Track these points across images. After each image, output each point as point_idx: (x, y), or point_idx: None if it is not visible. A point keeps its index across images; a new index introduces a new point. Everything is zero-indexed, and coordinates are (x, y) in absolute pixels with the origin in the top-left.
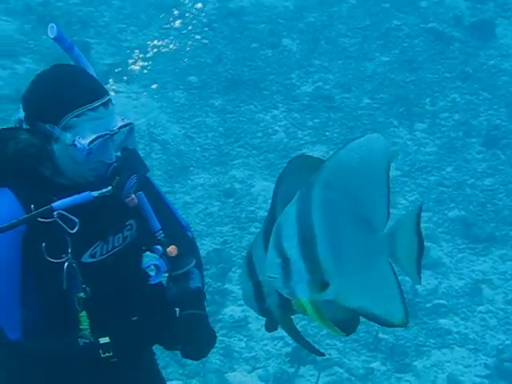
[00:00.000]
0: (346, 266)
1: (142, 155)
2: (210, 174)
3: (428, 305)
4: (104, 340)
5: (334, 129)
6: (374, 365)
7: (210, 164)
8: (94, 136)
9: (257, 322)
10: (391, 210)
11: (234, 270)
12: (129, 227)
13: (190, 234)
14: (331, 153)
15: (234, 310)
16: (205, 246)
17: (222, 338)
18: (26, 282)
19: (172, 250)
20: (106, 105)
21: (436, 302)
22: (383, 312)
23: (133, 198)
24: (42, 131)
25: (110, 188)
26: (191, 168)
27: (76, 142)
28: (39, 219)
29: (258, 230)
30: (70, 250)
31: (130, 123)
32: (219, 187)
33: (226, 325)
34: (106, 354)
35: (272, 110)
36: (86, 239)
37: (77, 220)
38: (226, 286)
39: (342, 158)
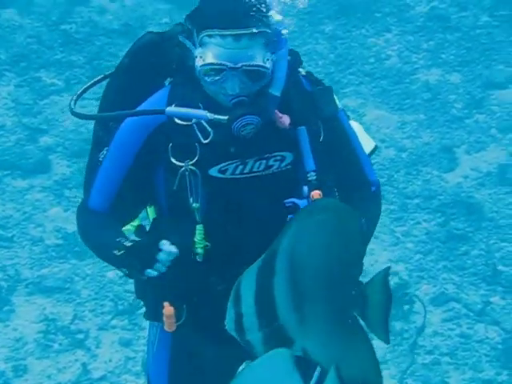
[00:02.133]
0: (311, 325)
1: None
2: None
3: None
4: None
5: (451, 50)
6: (492, 299)
7: None
8: (208, 61)
9: None
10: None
11: None
12: (278, 157)
13: (374, 188)
14: (447, 76)
15: None
16: None
17: None
18: (142, 170)
19: (315, 194)
20: (237, 37)
21: None
22: (355, 370)
23: (282, 119)
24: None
25: (226, 117)
26: None
27: (196, 60)
28: (176, 121)
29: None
30: (196, 158)
31: (258, 66)
32: None
33: None
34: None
35: (384, 33)
36: (219, 153)
37: (210, 129)
38: None
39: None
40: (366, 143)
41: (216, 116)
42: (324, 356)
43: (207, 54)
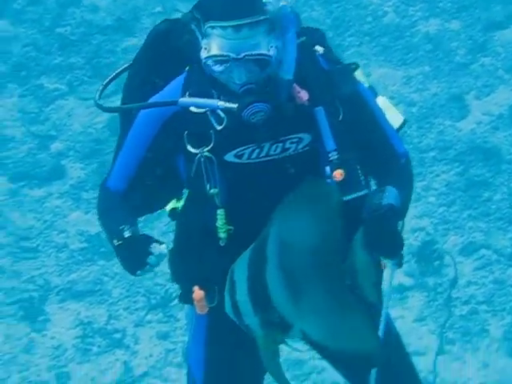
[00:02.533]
0: (307, 306)
1: None
2: None
3: None
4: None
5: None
6: None
7: None
8: (212, 52)
9: None
10: None
11: None
12: (295, 140)
13: (403, 160)
14: (446, 24)
15: None
16: None
17: None
18: (160, 158)
19: (337, 174)
20: (237, 28)
21: None
22: (356, 343)
23: (300, 95)
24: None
25: (236, 106)
26: None
27: (201, 51)
28: (192, 109)
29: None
30: (211, 145)
31: (261, 54)
32: None
33: None
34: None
35: None
36: (234, 139)
37: (223, 116)
38: None
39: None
40: (395, 118)
41: (226, 105)
42: (323, 334)
43: (211, 46)
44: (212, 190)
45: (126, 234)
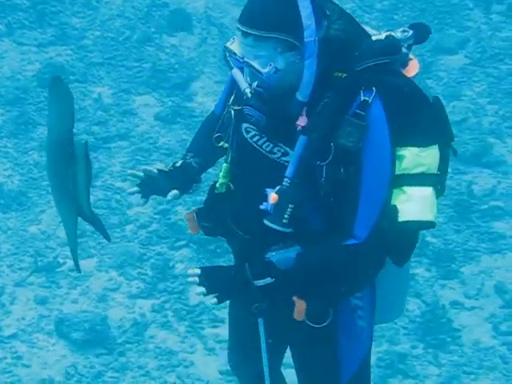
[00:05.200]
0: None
1: (197, 40)
2: None
3: (483, 206)
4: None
5: (404, 11)
6: (418, 271)
7: None
8: (227, 44)
9: None
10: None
11: None
12: (282, 150)
13: (353, 241)
14: None
15: None
16: None
17: None
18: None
19: (272, 197)
20: (245, 34)
21: (492, 203)
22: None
23: (300, 120)
24: None
25: (236, 108)
26: None
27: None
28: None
29: None
30: (239, 107)
31: (254, 67)
32: None
33: None
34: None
35: None
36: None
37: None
38: None
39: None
40: (417, 212)
41: (244, 92)
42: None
43: (233, 40)
44: (223, 143)
45: (178, 163)
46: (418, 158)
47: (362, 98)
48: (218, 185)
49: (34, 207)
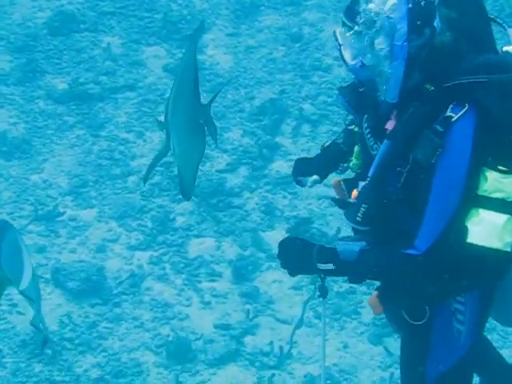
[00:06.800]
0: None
1: None
2: (280, 14)
3: None
4: None
5: None
6: None
7: (282, 4)
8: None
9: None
10: None
11: (288, 122)
12: (377, 147)
13: (412, 252)
14: None
15: (281, 166)
16: (262, 95)
17: (265, 194)
18: None
19: (353, 193)
20: (344, 25)
21: None
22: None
23: (389, 123)
24: None
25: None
26: (262, 7)
27: None
28: None
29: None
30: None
31: (344, 58)
32: (287, 30)
33: (271, 181)
34: None
35: None
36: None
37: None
38: (277, 139)
39: None
40: (489, 238)
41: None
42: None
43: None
44: (353, 127)
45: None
46: (499, 183)
47: (447, 114)
48: (351, 165)
49: (36, 155)
